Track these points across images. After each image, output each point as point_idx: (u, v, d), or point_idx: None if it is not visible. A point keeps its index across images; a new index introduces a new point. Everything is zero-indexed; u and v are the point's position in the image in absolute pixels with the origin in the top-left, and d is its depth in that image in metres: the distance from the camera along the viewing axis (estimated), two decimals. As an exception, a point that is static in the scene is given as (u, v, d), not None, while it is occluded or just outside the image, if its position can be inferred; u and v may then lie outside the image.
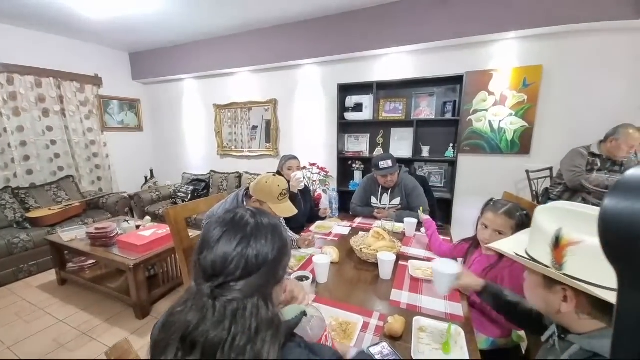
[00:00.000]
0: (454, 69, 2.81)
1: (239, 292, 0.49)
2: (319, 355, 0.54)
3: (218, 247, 0.52)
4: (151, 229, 2.45)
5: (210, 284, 0.50)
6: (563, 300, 0.58)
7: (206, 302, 0.49)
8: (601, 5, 2.24)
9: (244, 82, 3.99)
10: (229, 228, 0.55)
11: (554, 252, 0.56)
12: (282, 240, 0.58)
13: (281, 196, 1.40)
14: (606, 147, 2.22)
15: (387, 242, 1.52)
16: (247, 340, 0.46)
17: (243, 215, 0.58)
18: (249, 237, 0.54)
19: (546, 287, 0.61)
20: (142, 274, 2.12)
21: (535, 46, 2.62)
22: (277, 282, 0.57)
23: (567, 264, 0.54)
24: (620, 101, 2.44)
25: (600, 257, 0.50)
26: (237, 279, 0.50)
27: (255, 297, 0.50)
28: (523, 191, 2.77)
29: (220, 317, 0.47)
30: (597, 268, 0.52)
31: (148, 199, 3.97)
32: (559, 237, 0.55)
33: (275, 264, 0.55)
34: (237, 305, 0.48)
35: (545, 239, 0.57)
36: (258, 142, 4.09)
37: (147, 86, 4.75)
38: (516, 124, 2.77)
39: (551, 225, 0.57)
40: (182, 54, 4.08)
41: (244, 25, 3.43)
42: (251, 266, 0.52)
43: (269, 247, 0.54)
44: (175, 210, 1.58)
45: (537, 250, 0.60)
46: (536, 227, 0.62)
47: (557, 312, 0.60)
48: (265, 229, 0.56)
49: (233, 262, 0.51)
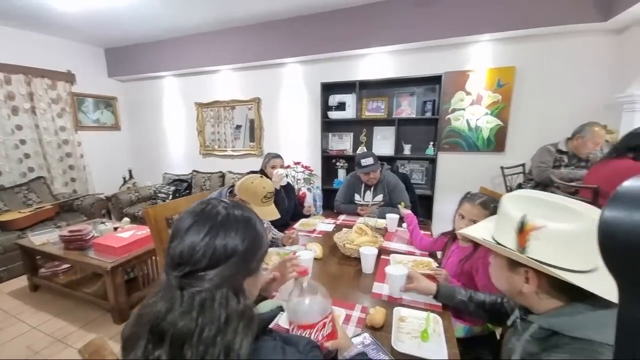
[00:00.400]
0: (433, 69, 2.90)
1: (207, 282, 0.49)
2: (294, 346, 0.54)
3: (187, 237, 0.52)
4: (130, 230, 2.38)
5: (176, 272, 0.50)
6: (525, 282, 0.62)
7: (174, 292, 0.48)
8: (569, 9, 2.37)
9: (227, 81, 3.93)
10: (199, 218, 0.54)
11: (518, 236, 0.59)
12: (255, 232, 0.58)
13: (265, 199, 1.39)
14: (573, 144, 2.36)
15: (370, 237, 1.55)
16: (216, 331, 0.45)
17: (215, 206, 0.57)
18: (218, 227, 0.53)
19: (510, 269, 0.64)
20: (120, 276, 2.06)
21: (508, 48, 2.74)
22: (250, 274, 0.57)
23: (530, 247, 0.57)
24: (587, 100, 2.60)
25: (560, 241, 0.55)
26: (203, 269, 0.50)
27: (224, 288, 0.49)
28: (499, 187, 2.89)
29: (188, 307, 0.47)
30: (557, 251, 0.56)
31: (127, 200, 3.83)
32: (523, 222, 0.58)
33: (246, 255, 0.54)
34: (205, 295, 0.48)
35: (510, 224, 0.61)
36: (242, 142, 4.04)
37: (124, 83, 4.59)
38: (491, 123, 2.89)
39: (516, 212, 0.60)
40: (161, 51, 3.97)
41: (225, 22, 3.39)
42: (218, 256, 0.51)
43: (239, 239, 0.54)
44: (155, 209, 1.55)
45: (503, 235, 0.64)
46: (502, 213, 0.65)
47: (519, 292, 0.64)
48: (236, 220, 0.56)
49: (200, 251, 0.50)
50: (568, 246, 0.56)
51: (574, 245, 0.55)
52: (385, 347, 0.87)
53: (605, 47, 2.49)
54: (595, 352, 0.49)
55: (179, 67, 3.95)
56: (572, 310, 0.56)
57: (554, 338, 0.57)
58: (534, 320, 0.62)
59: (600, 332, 0.51)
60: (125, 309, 2.11)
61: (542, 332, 0.59)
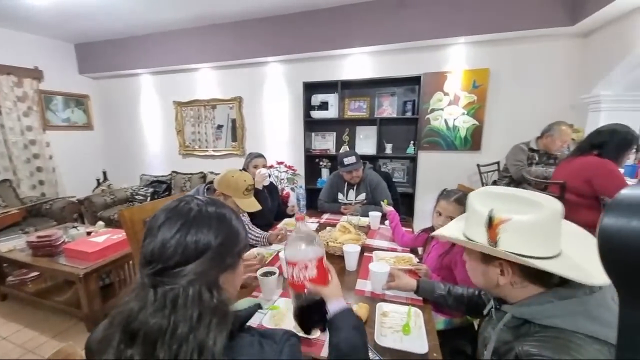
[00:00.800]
0: (412, 70, 2.97)
1: (179, 278, 0.48)
2: (271, 339, 0.54)
3: (159, 234, 0.51)
4: (104, 234, 2.28)
5: (148, 270, 0.49)
6: (500, 274, 0.64)
7: (147, 290, 0.48)
8: (539, 14, 2.50)
9: (207, 79, 3.85)
10: (171, 215, 0.53)
11: (488, 231, 0.61)
12: (230, 228, 0.57)
13: (247, 191, 1.42)
14: (543, 142, 2.49)
15: (353, 234, 1.57)
16: (189, 329, 0.45)
17: (188, 202, 0.56)
18: (190, 224, 0.52)
19: (484, 263, 0.66)
20: (94, 283, 1.96)
21: (482, 51, 2.85)
22: (225, 269, 0.55)
23: (501, 240, 0.60)
24: (555, 101, 2.75)
25: (526, 231, 0.58)
26: (174, 266, 0.49)
27: (197, 284, 0.48)
28: (475, 184, 3.00)
29: (160, 305, 0.46)
30: (526, 241, 0.59)
31: (101, 203, 3.66)
32: (491, 217, 0.60)
33: (221, 251, 0.53)
34: (177, 292, 0.47)
35: (479, 220, 0.63)
36: (224, 142, 3.97)
37: (96, 81, 4.38)
38: (468, 123, 2.99)
39: (483, 208, 0.63)
40: (137, 47, 3.83)
41: (204, 19, 3.31)
42: (190, 252, 0.50)
43: (212, 235, 0.53)
44: (131, 211, 1.49)
45: (474, 231, 0.65)
46: (471, 211, 0.67)
47: (496, 285, 0.66)
48: (209, 216, 0.55)
49: (170, 248, 0.49)
50: (534, 235, 0.58)
51: (539, 234, 0.58)
52: (369, 343, 0.88)
53: (573, 50, 2.65)
54: (567, 341, 0.51)
55: (156, 65, 3.82)
56: (542, 300, 0.59)
57: (525, 326, 0.60)
58: (507, 309, 0.64)
59: (569, 321, 0.54)
60: (100, 317, 2.01)
61: (515, 320, 0.62)
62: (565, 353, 0.49)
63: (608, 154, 1.67)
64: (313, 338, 0.92)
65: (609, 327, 0.52)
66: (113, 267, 2.11)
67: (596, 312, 0.54)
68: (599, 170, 1.64)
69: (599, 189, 1.61)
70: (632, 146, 1.68)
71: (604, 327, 0.52)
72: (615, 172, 1.61)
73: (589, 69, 2.57)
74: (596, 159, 1.69)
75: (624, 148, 1.67)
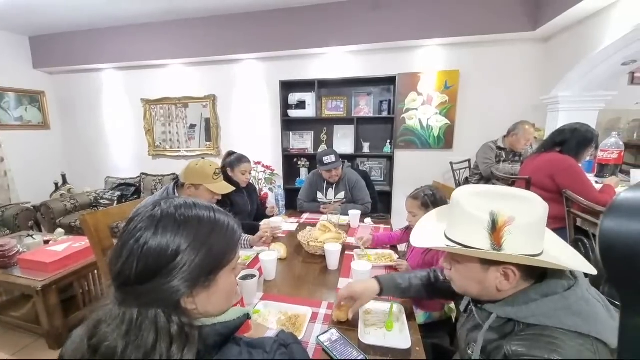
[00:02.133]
0: (388, 70, 3.02)
1: (136, 298, 0.43)
2: (260, 348, 0.53)
3: (119, 243, 0.47)
4: (65, 242, 2.10)
5: (114, 284, 0.46)
6: (504, 278, 0.60)
7: (114, 302, 0.44)
8: (504, 20, 2.64)
9: (178, 76, 3.67)
10: (137, 220, 0.47)
11: (492, 235, 0.57)
12: (203, 236, 0.48)
13: (215, 175, 1.42)
14: (509, 140, 2.63)
15: (334, 233, 1.56)
16: (143, 355, 0.40)
17: (159, 205, 0.50)
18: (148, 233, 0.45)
19: (484, 270, 0.61)
20: (54, 296, 1.80)
21: (453, 53, 2.97)
22: (194, 287, 0.47)
23: (507, 242, 0.56)
24: (519, 102, 2.92)
25: (532, 229, 0.57)
26: (126, 283, 0.44)
27: (154, 308, 0.43)
28: (449, 181, 3.12)
29: (119, 322, 0.42)
30: (531, 239, 0.58)
31: (60, 209, 3.38)
32: (494, 220, 0.56)
33: (187, 266, 0.45)
34: (132, 314, 0.42)
35: (477, 224, 0.58)
36: (197, 142, 3.81)
37: (54, 76, 4.04)
38: (441, 122, 3.10)
39: (479, 211, 0.58)
40: (99, 40, 3.57)
41: (174, 13, 3.16)
42: (145, 268, 0.43)
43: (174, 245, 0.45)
44: (94, 217, 1.37)
45: (473, 237, 0.60)
46: (462, 214, 0.62)
47: (495, 290, 0.61)
48: (174, 221, 0.47)
49: (124, 261, 0.44)
50: (537, 232, 0.58)
51: (540, 230, 0.58)
52: (353, 342, 0.88)
53: (534, 53, 2.83)
54: (552, 338, 0.52)
55: (121, 60, 3.59)
56: (525, 299, 0.58)
57: (509, 324, 0.60)
58: (490, 309, 0.63)
59: (553, 317, 0.54)
60: (62, 333, 1.85)
61: (499, 320, 0.61)
62: (553, 351, 0.50)
63: (569, 151, 1.79)
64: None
65: (589, 320, 0.53)
66: (75, 278, 1.94)
67: (576, 306, 0.55)
68: (560, 166, 1.76)
69: (560, 184, 1.73)
70: (592, 143, 1.81)
71: (585, 321, 0.53)
72: (574, 167, 1.73)
73: (548, 71, 2.75)
74: (558, 155, 1.81)
75: (584, 145, 1.79)
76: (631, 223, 0.23)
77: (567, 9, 2.16)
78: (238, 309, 0.56)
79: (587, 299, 0.56)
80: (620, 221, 0.24)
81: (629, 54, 2.11)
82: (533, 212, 0.57)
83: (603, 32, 2.09)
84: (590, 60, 2.25)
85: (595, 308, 0.55)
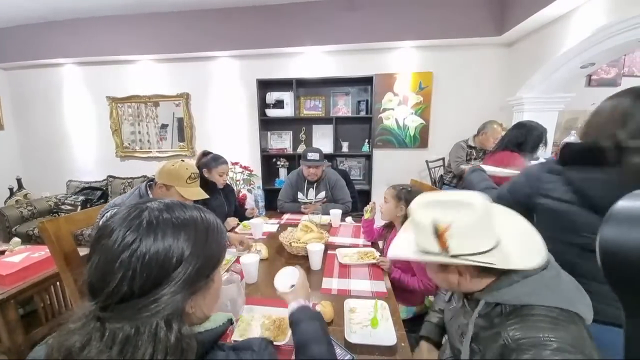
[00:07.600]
0: (365, 71, 3.06)
1: (130, 314, 0.40)
2: (248, 349, 0.51)
3: (101, 255, 0.42)
4: (22, 252, 1.91)
5: (93, 302, 0.41)
6: (459, 276, 0.66)
7: (93, 323, 0.40)
8: (473, 25, 2.77)
9: (148, 73, 3.49)
10: (120, 226, 0.43)
11: (438, 241, 0.63)
12: (200, 240, 0.47)
13: (190, 179, 1.35)
14: (479, 139, 2.77)
15: (316, 233, 1.55)
16: None
17: (142, 209, 0.46)
18: (141, 240, 0.42)
19: (442, 271, 0.68)
20: (13, 311, 1.63)
21: (427, 55, 3.07)
22: (194, 292, 0.46)
23: (451, 245, 0.62)
24: (487, 103, 3.08)
25: (469, 231, 0.61)
26: (121, 300, 0.40)
27: (155, 319, 0.40)
28: (425, 179, 3.22)
29: (107, 344, 0.38)
30: (471, 240, 0.62)
31: (16, 217, 3.09)
32: (435, 227, 0.62)
33: (188, 272, 0.44)
34: (129, 332, 0.39)
35: (427, 231, 0.64)
36: (170, 142, 3.65)
37: (6, 72, 3.70)
38: (416, 122, 3.20)
39: (426, 219, 0.64)
40: (58, 33, 3.31)
41: (144, 6, 3.00)
42: (143, 281, 0.41)
43: (175, 252, 0.43)
44: (55, 223, 1.25)
45: (427, 243, 0.66)
46: (416, 223, 0.68)
47: (457, 286, 0.68)
48: (168, 226, 0.44)
49: (115, 275, 0.40)
50: (475, 233, 0.62)
51: (479, 230, 0.63)
52: (339, 341, 0.88)
53: (500, 57, 2.99)
54: (539, 316, 0.56)
55: (83, 54, 3.35)
56: (508, 282, 0.63)
57: (496, 309, 0.64)
58: (479, 297, 0.67)
59: (535, 296, 0.59)
60: (24, 350, 1.68)
61: (488, 305, 0.66)
62: (544, 329, 0.54)
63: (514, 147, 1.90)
64: (282, 344, 0.88)
65: (564, 295, 0.59)
66: (36, 291, 1.78)
67: (553, 283, 0.61)
68: (508, 163, 1.87)
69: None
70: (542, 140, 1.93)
71: (560, 296, 0.59)
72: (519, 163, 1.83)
73: (513, 74, 2.93)
74: (507, 153, 1.92)
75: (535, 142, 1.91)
76: (631, 231, 0.24)
77: (530, 15, 2.31)
78: (221, 315, 0.54)
79: (560, 276, 0.63)
80: (620, 229, 0.24)
81: (587, 57, 2.27)
82: (471, 214, 0.61)
83: (563, 37, 2.25)
84: (552, 64, 2.41)
85: (569, 285, 0.63)
